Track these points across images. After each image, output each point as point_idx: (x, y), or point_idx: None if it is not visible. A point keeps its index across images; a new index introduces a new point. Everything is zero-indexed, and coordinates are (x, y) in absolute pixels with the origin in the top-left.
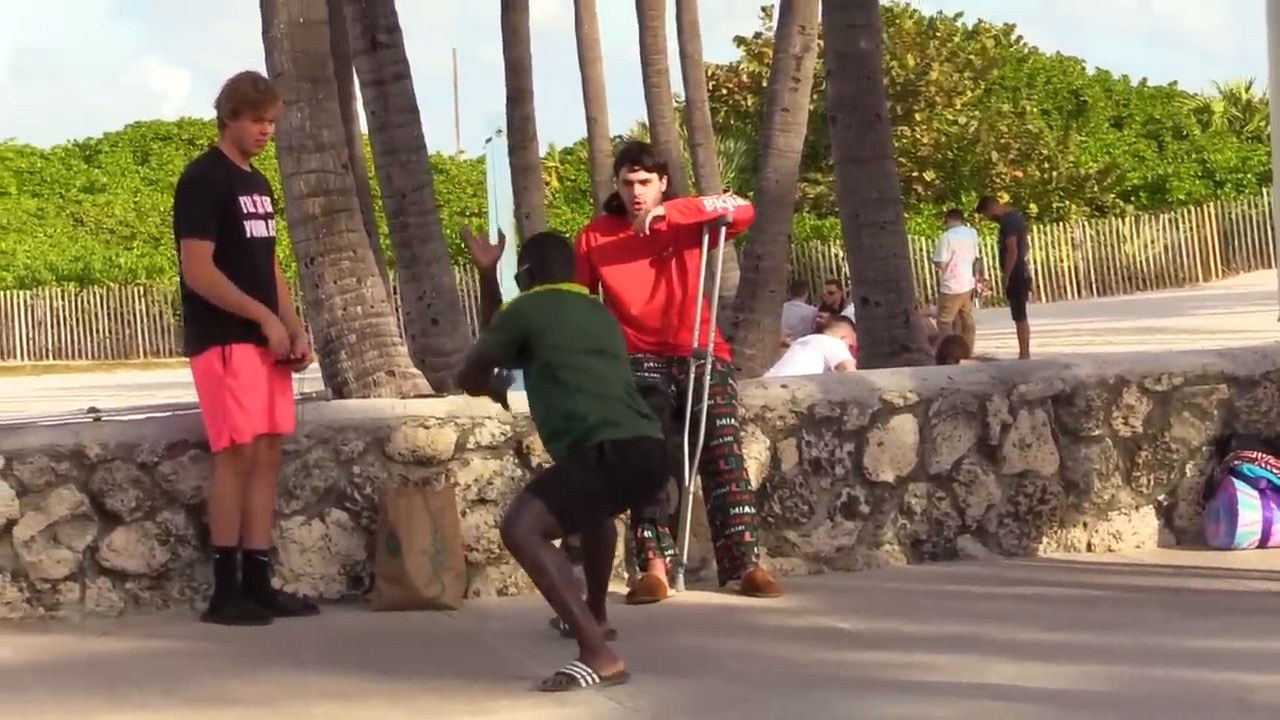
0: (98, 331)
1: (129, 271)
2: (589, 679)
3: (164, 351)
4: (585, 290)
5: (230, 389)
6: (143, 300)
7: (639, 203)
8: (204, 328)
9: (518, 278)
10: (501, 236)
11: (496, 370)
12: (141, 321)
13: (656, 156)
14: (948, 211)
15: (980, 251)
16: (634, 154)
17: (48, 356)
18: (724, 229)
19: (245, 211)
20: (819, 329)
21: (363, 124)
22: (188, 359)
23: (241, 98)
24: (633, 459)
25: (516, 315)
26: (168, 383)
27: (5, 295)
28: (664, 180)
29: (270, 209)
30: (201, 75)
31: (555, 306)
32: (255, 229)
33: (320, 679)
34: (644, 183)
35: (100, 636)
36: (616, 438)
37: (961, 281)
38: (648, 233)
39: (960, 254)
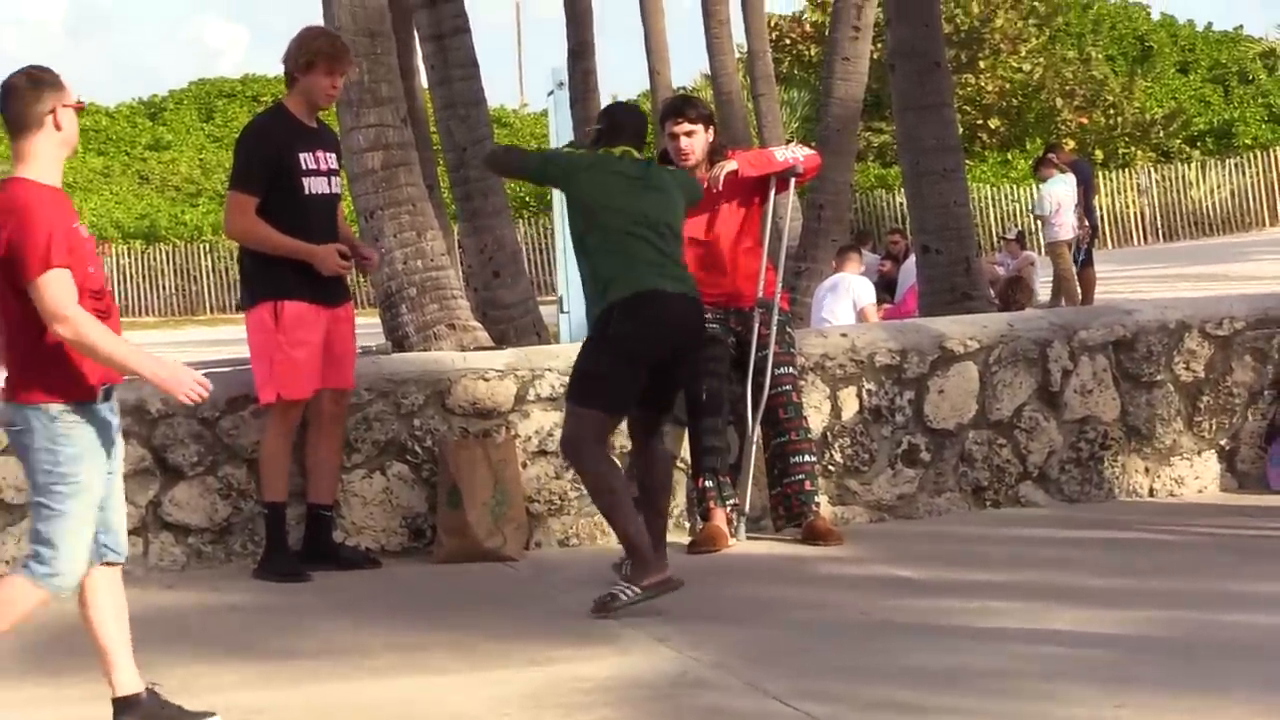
0: (164, 288)
1: (195, 229)
2: (628, 593)
3: (229, 308)
4: (639, 156)
5: (280, 345)
6: (208, 257)
7: (686, 155)
8: (258, 283)
9: (578, 144)
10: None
11: None
12: (207, 278)
13: (700, 108)
14: (1039, 160)
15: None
16: (677, 107)
17: None
18: (793, 179)
19: (305, 168)
20: (882, 278)
21: (424, 78)
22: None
23: (316, 50)
24: (641, 311)
25: (571, 174)
26: (233, 339)
27: None
28: (709, 130)
29: (335, 166)
30: (260, 31)
31: (602, 182)
32: (314, 185)
33: (382, 631)
34: (689, 134)
35: (163, 590)
36: (622, 297)
37: (1066, 229)
38: (721, 187)
39: (1065, 203)
